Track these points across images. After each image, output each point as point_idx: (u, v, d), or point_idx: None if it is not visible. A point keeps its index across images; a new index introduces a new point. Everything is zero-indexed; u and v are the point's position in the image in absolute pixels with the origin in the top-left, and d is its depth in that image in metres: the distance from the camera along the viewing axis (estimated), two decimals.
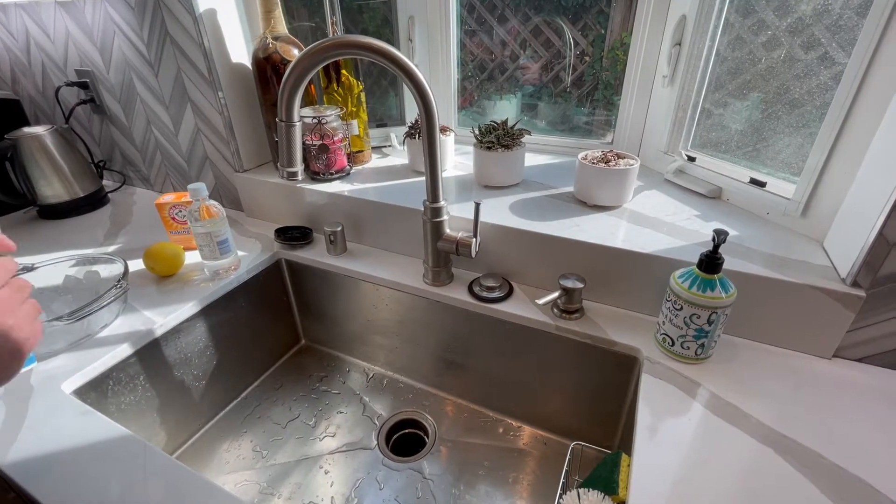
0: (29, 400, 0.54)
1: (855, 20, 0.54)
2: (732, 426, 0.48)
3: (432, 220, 0.68)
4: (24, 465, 0.46)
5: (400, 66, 0.56)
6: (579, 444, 0.55)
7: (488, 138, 0.79)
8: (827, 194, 0.59)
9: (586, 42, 0.93)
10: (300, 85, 0.58)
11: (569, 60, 0.95)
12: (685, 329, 0.54)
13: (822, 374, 0.54)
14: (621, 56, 0.91)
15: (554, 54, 0.97)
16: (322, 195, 0.85)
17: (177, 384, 0.72)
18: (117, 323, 0.66)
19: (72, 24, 0.97)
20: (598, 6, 0.90)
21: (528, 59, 0.99)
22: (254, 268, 0.81)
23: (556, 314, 0.65)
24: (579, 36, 0.93)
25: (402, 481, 0.69)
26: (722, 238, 0.49)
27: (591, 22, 0.92)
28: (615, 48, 0.92)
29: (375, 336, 0.86)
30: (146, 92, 0.96)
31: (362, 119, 0.93)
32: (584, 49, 0.94)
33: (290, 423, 0.80)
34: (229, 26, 0.84)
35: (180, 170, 1.05)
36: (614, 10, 0.89)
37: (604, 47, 0.92)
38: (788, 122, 0.64)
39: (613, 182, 0.71)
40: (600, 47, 0.93)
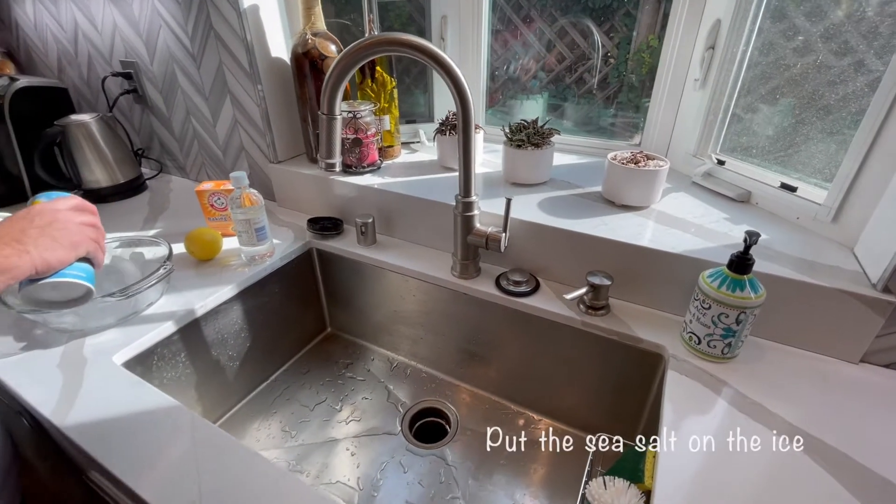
0: (84, 369, 0.58)
1: (892, 27, 0.54)
2: (758, 423, 0.49)
3: (463, 214, 0.70)
4: (83, 428, 0.50)
5: (441, 63, 0.58)
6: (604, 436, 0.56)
7: (519, 136, 0.81)
8: (859, 201, 0.59)
9: (612, 44, 0.94)
10: (343, 80, 0.61)
11: (595, 62, 0.96)
12: (713, 328, 0.55)
13: (848, 379, 0.55)
14: (647, 59, 0.91)
15: (579, 56, 0.98)
16: (353, 187, 0.87)
17: (213, 363, 0.75)
18: (161, 302, 0.70)
19: (119, 16, 1.01)
20: (625, 8, 0.90)
21: (539, 59, 1.00)
22: (287, 255, 0.84)
23: (582, 310, 0.67)
24: (605, 38, 0.94)
25: (426, 466, 0.71)
26: (754, 239, 0.50)
27: (617, 24, 0.93)
28: (641, 51, 0.92)
29: (401, 326, 0.88)
30: (188, 83, 1.00)
31: (394, 115, 0.96)
32: (609, 51, 0.94)
33: (317, 406, 0.82)
34: (270, 22, 0.87)
35: (216, 159, 1.09)
36: (641, 13, 0.90)
37: (629, 49, 0.93)
38: (822, 127, 0.65)
39: (643, 182, 0.72)
40: (626, 49, 0.93)
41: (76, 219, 0.47)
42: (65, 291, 0.48)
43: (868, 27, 0.57)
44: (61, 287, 0.47)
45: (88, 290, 0.49)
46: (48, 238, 0.43)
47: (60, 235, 0.44)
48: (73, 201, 0.50)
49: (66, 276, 0.46)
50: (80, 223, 0.47)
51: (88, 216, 0.49)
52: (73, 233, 0.46)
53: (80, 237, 0.47)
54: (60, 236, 0.44)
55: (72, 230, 0.46)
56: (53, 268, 0.44)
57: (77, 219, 0.48)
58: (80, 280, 0.47)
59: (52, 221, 0.45)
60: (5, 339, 0.63)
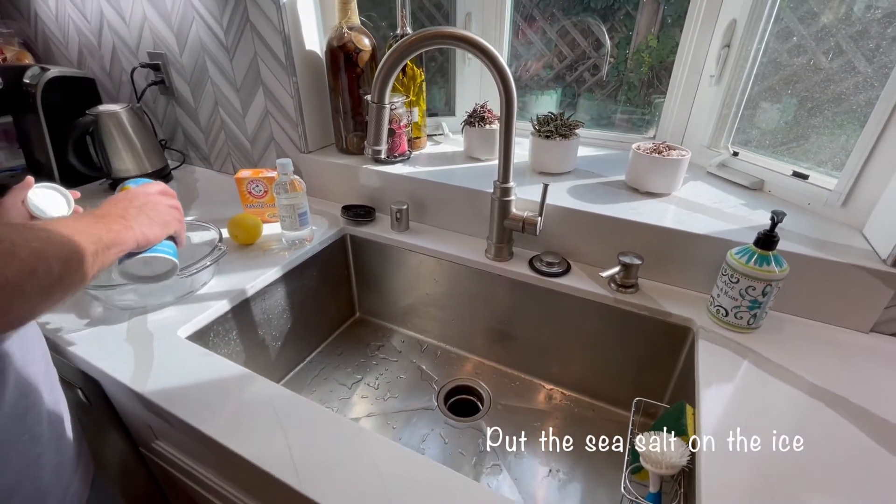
0: (152, 343, 0.61)
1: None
2: (784, 383, 0.54)
3: (501, 199, 0.74)
4: (163, 392, 0.53)
5: (490, 57, 0.63)
6: (641, 400, 0.61)
7: (547, 128, 0.85)
8: (867, 186, 0.65)
9: (612, 44, 0.99)
10: (395, 71, 0.65)
11: (605, 58, 1.00)
12: (740, 300, 0.60)
13: (861, 345, 0.61)
14: (646, 58, 0.97)
15: (580, 55, 1.03)
16: (386, 176, 0.91)
17: (259, 342, 0.78)
18: (212, 283, 0.73)
19: (150, 9, 1.03)
20: (625, 9, 0.96)
21: (534, 57, 1.05)
22: (324, 241, 0.88)
23: (614, 288, 0.72)
24: (605, 37, 0.98)
25: (465, 438, 0.76)
26: (780, 217, 0.56)
27: (617, 24, 0.98)
28: (640, 50, 0.98)
29: (431, 308, 0.92)
30: (218, 75, 1.03)
31: (421, 107, 0.99)
32: (608, 50, 0.99)
33: (354, 384, 0.86)
34: (306, 16, 0.91)
35: (243, 150, 1.11)
36: (640, 14, 0.95)
37: (628, 49, 0.98)
38: (833, 120, 0.70)
39: (666, 171, 0.77)
40: (625, 49, 0.98)
41: (165, 201, 0.52)
42: (155, 266, 0.51)
43: (861, 28, 0.63)
44: (153, 262, 0.50)
45: (174, 265, 0.52)
46: (145, 217, 0.47)
47: (155, 215, 0.48)
48: (160, 186, 0.54)
49: (159, 252, 0.49)
50: (168, 205, 0.52)
51: (173, 199, 0.54)
52: (164, 213, 0.50)
53: (170, 217, 0.51)
54: (155, 216, 0.48)
55: (162, 211, 0.50)
56: (151, 243, 0.48)
57: (166, 201, 0.52)
58: (169, 255, 0.50)
59: (147, 202, 0.49)
60: (68, 317, 0.65)
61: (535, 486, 0.68)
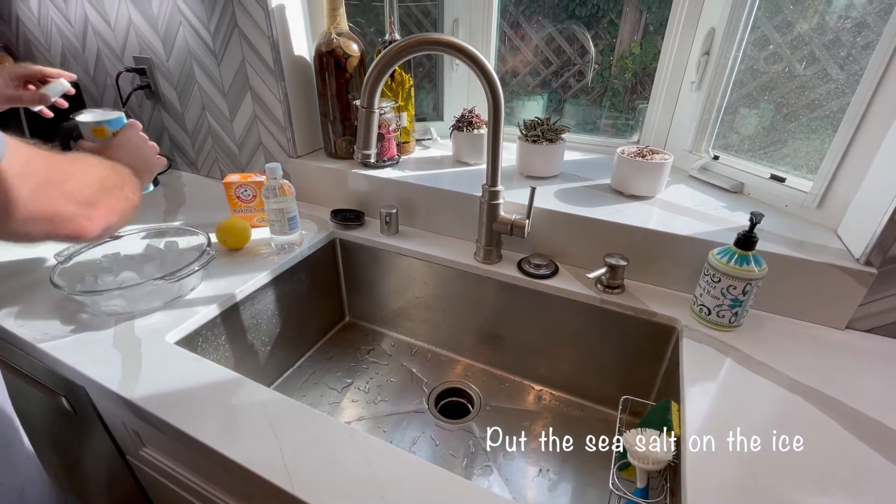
0: (140, 349, 0.60)
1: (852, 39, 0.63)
2: (765, 378, 0.56)
3: (489, 203, 0.75)
4: (152, 398, 0.52)
5: (477, 63, 0.64)
6: (629, 398, 0.62)
7: (534, 133, 0.87)
8: (841, 189, 0.67)
9: (596, 50, 1.02)
10: (383, 76, 0.65)
11: (590, 65, 1.03)
12: (722, 299, 0.62)
13: (837, 342, 0.63)
14: (630, 65, 0.99)
15: (565, 61, 1.05)
16: (375, 180, 0.92)
17: (248, 347, 0.78)
18: (201, 287, 0.73)
19: (136, 13, 1.02)
20: (608, 17, 0.98)
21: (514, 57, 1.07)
22: (313, 245, 0.88)
23: (600, 289, 0.73)
24: (590, 44, 1.01)
25: (456, 440, 0.76)
26: (758, 219, 0.58)
27: (601, 32, 1.00)
28: (623, 57, 1.00)
29: (421, 311, 0.93)
30: (205, 80, 1.02)
31: (410, 112, 1.00)
32: (593, 57, 1.02)
33: (344, 388, 0.86)
34: (294, 21, 0.91)
35: (231, 155, 1.11)
36: (623, 22, 0.98)
37: (612, 56, 1.01)
38: (808, 125, 0.73)
39: (650, 174, 0.79)
40: (609, 56, 1.01)
41: (151, 150, 0.67)
42: None
43: (834, 37, 0.66)
44: None
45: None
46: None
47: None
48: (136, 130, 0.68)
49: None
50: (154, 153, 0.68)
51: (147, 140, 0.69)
52: (154, 165, 0.67)
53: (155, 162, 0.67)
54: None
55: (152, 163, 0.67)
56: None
57: (152, 150, 0.67)
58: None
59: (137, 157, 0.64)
60: (52, 324, 0.64)
61: (526, 486, 0.69)
